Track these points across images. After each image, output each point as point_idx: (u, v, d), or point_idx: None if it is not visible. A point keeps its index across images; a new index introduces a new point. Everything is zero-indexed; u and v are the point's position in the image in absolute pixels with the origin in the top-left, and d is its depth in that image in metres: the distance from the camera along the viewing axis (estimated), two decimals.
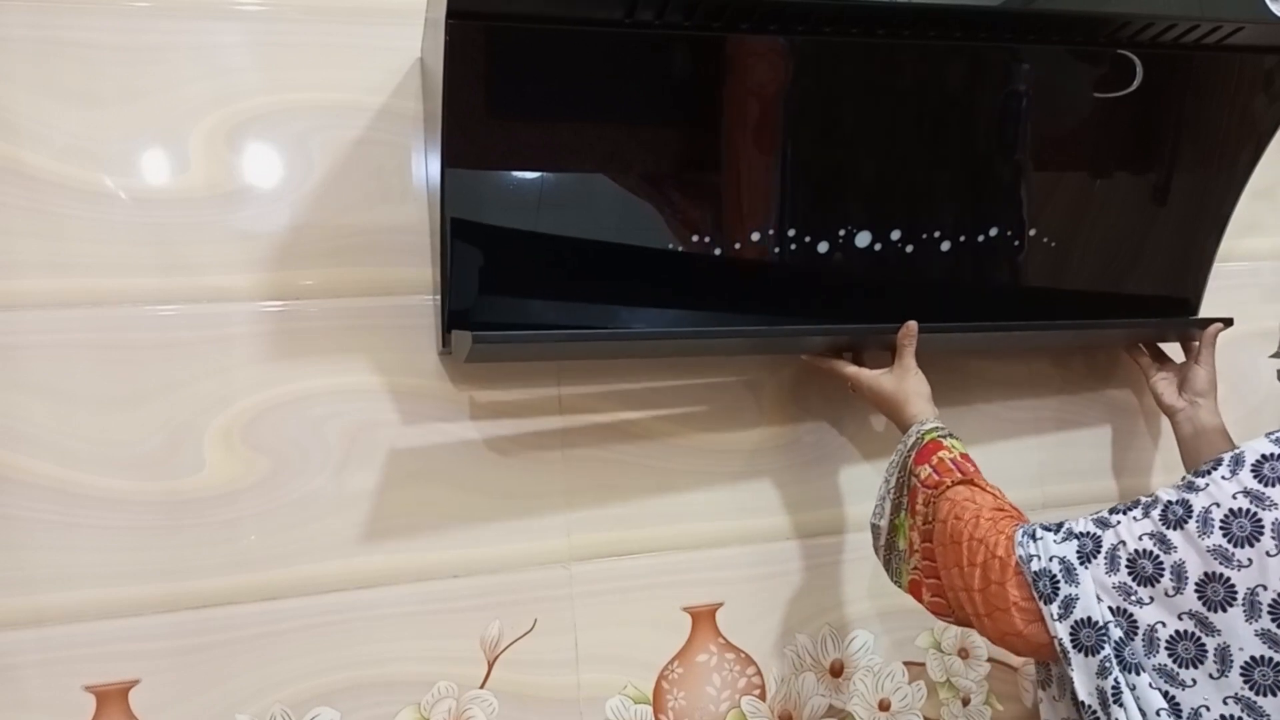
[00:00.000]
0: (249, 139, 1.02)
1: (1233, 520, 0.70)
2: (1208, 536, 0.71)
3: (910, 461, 0.95)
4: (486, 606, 1.09)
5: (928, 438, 0.95)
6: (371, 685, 1.06)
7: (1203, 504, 0.72)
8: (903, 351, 1.04)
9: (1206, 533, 0.71)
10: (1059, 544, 0.79)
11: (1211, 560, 0.70)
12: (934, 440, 0.95)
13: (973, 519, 0.85)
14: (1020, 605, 0.78)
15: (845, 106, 0.99)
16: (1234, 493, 0.71)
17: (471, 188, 0.93)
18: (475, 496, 1.09)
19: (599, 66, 0.90)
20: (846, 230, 1.03)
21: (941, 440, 0.95)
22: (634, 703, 1.14)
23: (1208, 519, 0.71)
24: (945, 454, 0.93)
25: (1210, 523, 0.71)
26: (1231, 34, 0.97)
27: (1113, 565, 0.75)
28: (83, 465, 0.98)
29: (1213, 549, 0.71)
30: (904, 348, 1.04)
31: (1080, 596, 0.76)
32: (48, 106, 0.96)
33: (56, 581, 0.98)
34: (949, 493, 0.89)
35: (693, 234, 0.99)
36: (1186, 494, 0.74)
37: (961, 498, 0.88)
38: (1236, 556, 0.69)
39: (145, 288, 0.99)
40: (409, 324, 1.06)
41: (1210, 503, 0.72)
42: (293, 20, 1.02)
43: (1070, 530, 0.79)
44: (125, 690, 0.99)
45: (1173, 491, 0.75)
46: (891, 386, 1.03)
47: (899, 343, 1.04)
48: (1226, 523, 0.70)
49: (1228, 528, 0.70)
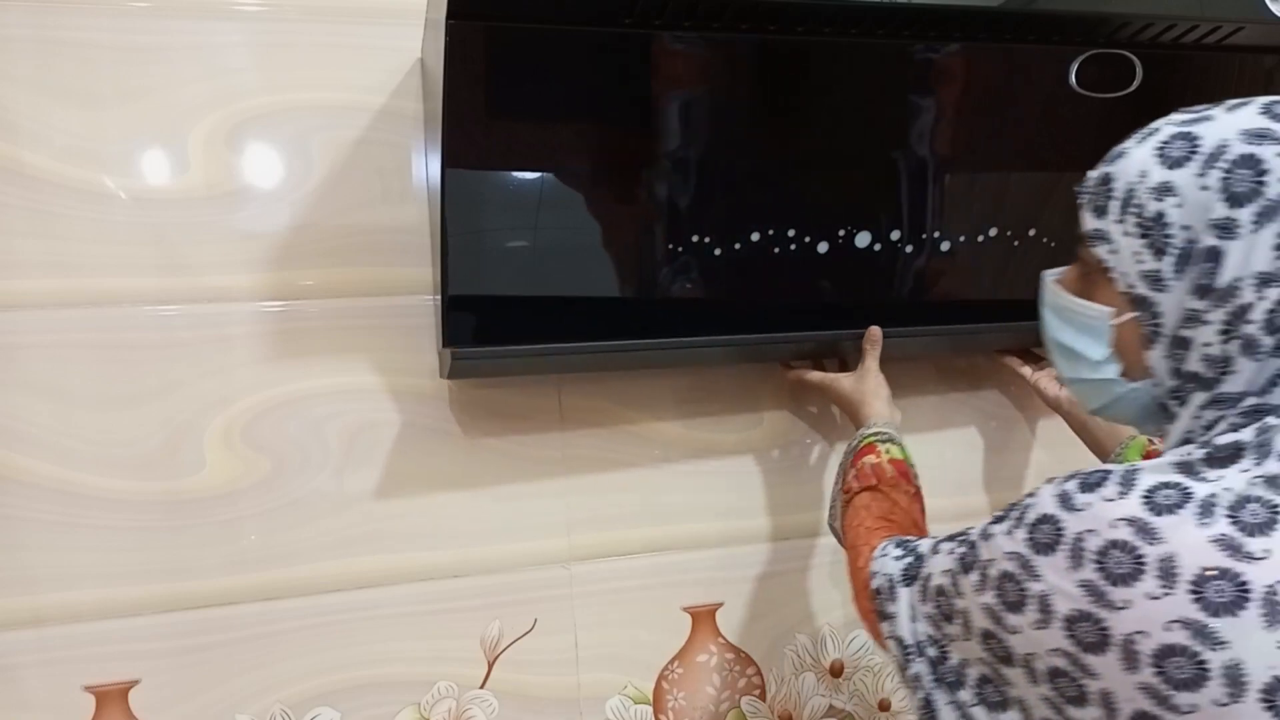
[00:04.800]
0: (249, 139, 1.02)
1: (1004, 583, 0.61)
2: (983, 594, 0.63)
3: (849, 464, 0.95)
4: (486, 606, 1.09)
5: (864, 441, 0.95)
6: (371, 685, 1.06)
7: (985, 556, 0.64)
8: (866, 355, 1.04)
9: (982, 589, 0.63)
10: (895, 561, 0.76)
11: (985, 618, 0.64)
12: (868, 444, 0.94)
13: (856, 528, 0.85)
14: (869, 618, 0.78)
15: (847, 107, 0.99)
16: (1008, 552, 0.61)
17: (471, 188, 0.93)
18: (475, 497, 1.09)
19: (599, 66, 0.90)
20: (846, 230, 1.03)
21: (876, 444, 0.94)
22: (634, 703, 1.14)
23: (985, 575, 0.63)
24: (871, 459, 0.92)
25: (987, 579, 0.63)
26: (1231, 34, 0.97)
27: (924, 594, 0.72)
28: (83, 465, 0.98)
29: (985, 608, 0.63)
30: (867, 352, 1.04)
31: (898, 615, 0.73)
32: (48, 106, 0.96)
33: (56, 581, 0.98)
34: (855, 500, 0.90)
35: (693, 234, 0.99)
36: (980, 539, 0.66)
37: (860, 505, 0.88)
38: (1007, 622, 0.62)
39: (145, 288, 0.99)
40: (409, 324, 1.06)
41: (990, 556, 0.63)
42: (293, 20, 1.02)
43: (915, 549, 0.76)
44: (125, 690, 0.99)
45: (978, 530, 0.67)
46: (849, 388, 1.04)
47: (863, 347, 1.05)
48: (999, 585, 0.62)
49: (1000, 590, 0.62)
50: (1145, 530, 0.54)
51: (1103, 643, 0.55)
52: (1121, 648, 0.54)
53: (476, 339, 0.97)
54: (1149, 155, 0.61)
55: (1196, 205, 0.58)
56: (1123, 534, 0.55)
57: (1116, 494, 0.57)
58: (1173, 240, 0.59)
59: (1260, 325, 0.56)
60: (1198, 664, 0.52)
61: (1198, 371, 0.60)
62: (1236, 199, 0.56)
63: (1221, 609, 0.51)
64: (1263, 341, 0.56)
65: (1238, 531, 0.53)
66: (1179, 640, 0.52)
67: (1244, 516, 0.53)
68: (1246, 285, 0.56)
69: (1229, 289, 0.57)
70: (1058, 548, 0.58)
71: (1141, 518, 0.55)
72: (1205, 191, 0.58)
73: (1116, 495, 0.57)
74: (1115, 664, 0.54)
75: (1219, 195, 0.57)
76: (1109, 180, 0.64)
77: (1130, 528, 0.55)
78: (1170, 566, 0.53)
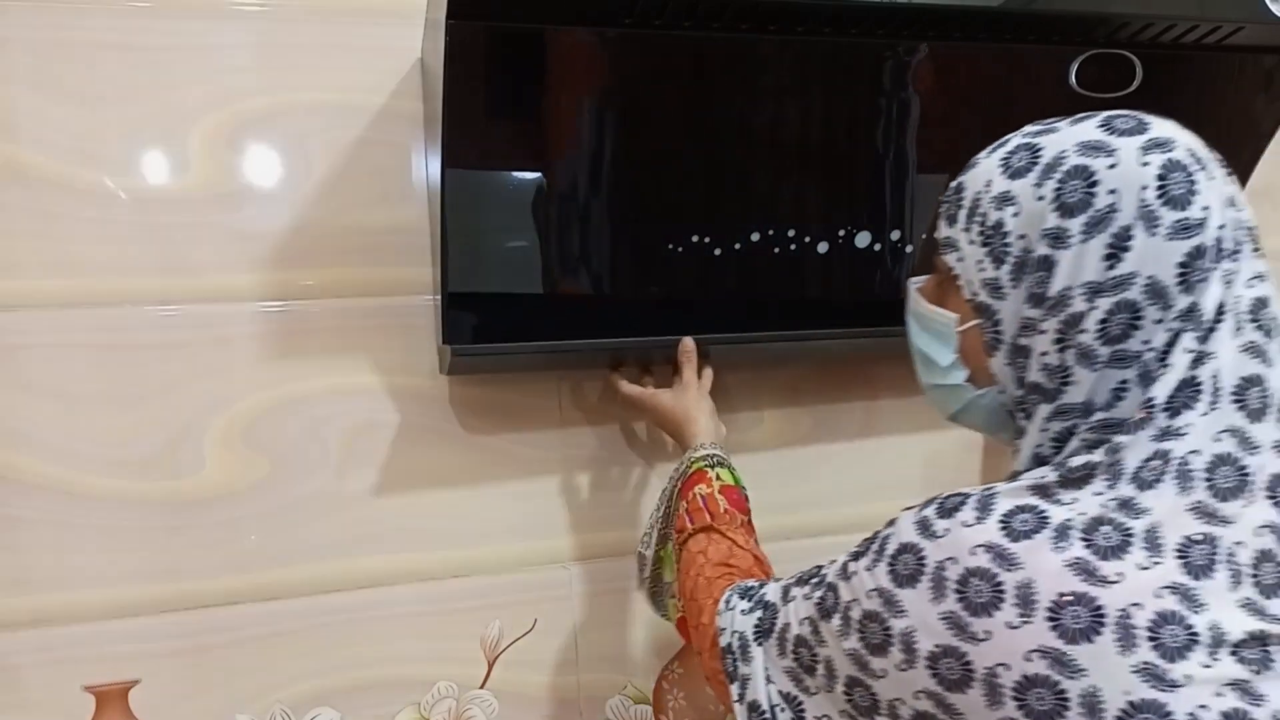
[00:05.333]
0: (249, 139, 1.02)
1: (867, 624, 0.59)
2: (847, 638, 0.61)
3: (676, 493, 0.91)
4: (486, 606, 1.09)
5: (694, 468, 0.90)
6: (371, 685, 1.06)
7: (846, 597, 0.62)
8: (682, 368, 1.00)
9: (846, 634, 0.61)
10: (744, 615, 0.72)
11: (850, 664, 0.61)
12: (699, 470, 0.90)
13: (695, 577, 0.81)
14: (718, 679, 0.73)
15: (846, 106, 0.99)
16: (870, 589, 0.59)
17: (471, 188, 0.93)
18: (475, 496, 1.09)
19: (599, 66, 0.90)
20: (846, 230, 1.03)
21: (706, 471, 0.89)
22: (634, 703, 1.14)
23: (848, 617, 0.61)
24: (703, 489, 0.87)
25: (850, 622, 0.61)
26: (1231, 34, 0.97)
27: (782, 648, 0.68)
28: (83, 465, 0.98)
29: (850, 653, 0.61)
30: (682, 364, 1.00)
31: (752, 677, 0.69)
32: (48, 106, 0.96)
33: (57, 581, 0.98)
34: (689, 542, 0.85)
35: (693, 234, 0.99)
36: (840, 579, 0.63)
37: (696, 549, 0.84)
38: (871, 666, 0.59)
39: (145, 288, 0.99)
40: (409, 324, 1.06)
41: (851, 598, 0.61)
42: (293, 20, 1.02)
43: (763, 599, 0.72)
44: (125, 690, 0.99)
45: (836, 569, 0.65)
46: (668, 404, 0.99)
47: (678, 360, 1.00)
48: (862, 626, 0.60)
49: (863, 632, 0.59)
50: (1003, 556, 0.54)
51: (966, 679, 0.54)
52: (984, 683, 0.53)
53: (475, 336, 0.97)
54: (995, 165, 0.62)
55: (1032, 215, 0.58)
56: (982, 561, 0.54)
57: (974, 518, 0.56)
58: (1010, 249, 0.59)
59: (1094, 335, 0.56)
60: (1058, 694, 0.51)
61: (1039, 382, 0.60)
62: (1068, 209, 0.56)
63: (1078, 635, 0.51)
64: (1098, 351, 0.56)
65: (1092, 555, 0.52)
66: (1039, 670, 0.51)
67: (1098, 540, 0.53)
68: (1077, 294, 0.56)
69: (1060, 298, 0.57)
70: (920, 578, 0.56)
71: (999, 543, 0.54)
72: (1040, 201, 0.58)
73: (974, 520, 0.56)
74: (979, 701, 0.53)
75: (1052, 205, 0.57)
76: (960, 189, 0.64)
77: (988, 554, 0.54)
78: (1029, 594, 0.52)
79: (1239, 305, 0.55)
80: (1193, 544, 0.52)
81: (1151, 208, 0.55)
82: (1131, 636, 0.50)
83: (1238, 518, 0.53)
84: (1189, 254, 0.54)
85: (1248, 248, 0.57)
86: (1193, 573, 0.51)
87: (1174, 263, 0.54)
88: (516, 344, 0.99)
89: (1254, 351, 0.55)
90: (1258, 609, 0.51)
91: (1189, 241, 0.54)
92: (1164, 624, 0.50)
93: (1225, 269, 0.55)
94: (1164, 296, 0.55)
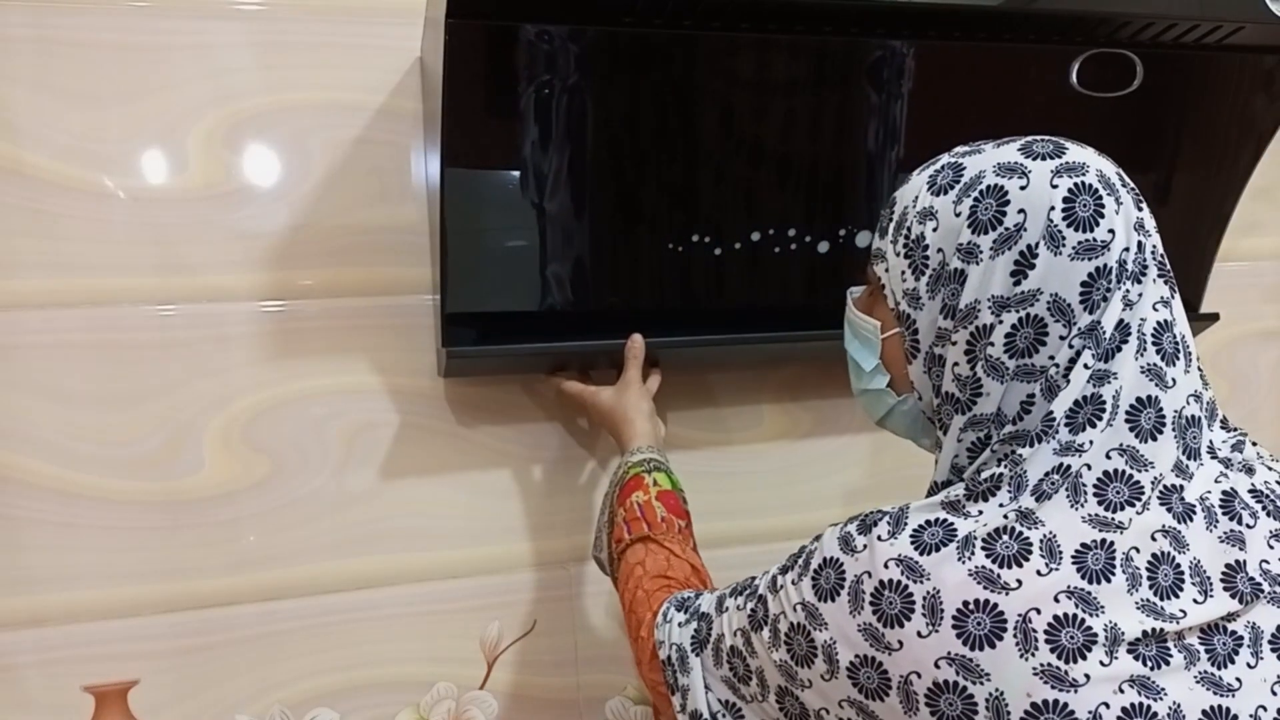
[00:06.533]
0: (248, 139, 1.01)
1: (793, 636, 0.61)
2: (776, 650, 0.63)
3: (615, 499, 0.90)
4: (486, 607, 1.09)
5: (630, 474, 0.89)
6: (371, 685, 1.06)
7: (775, 610, 0.64)
8: (627, 366, 0.99)
9: (775, 646, 0.63)
10: (681, 628, 0.73)
11: (779, 675, 0.63)
12: (636, 476, 0.89)
13: (633, 590, 0.81)
14: (659, 691, 0.74)
15: (846, 106, 0.99)
16: (795, 602, 0.62)
17: (471, 188, 0.93)
18: (475, 496, 1.09)
19: (599, 66, 0.90)
20: (847, 230, 1.03)
21: (643, 476, 0.88)
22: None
23: (776, 630, 0.63)
24: (639, 496, 0.87)
25: (778, 634, 0.63)
26: (1231, 34, 0.97)
27: (718, 658, 0.69)
28: (82, 465, 0.98)
29: (780, 664, 0.63)
30: (628, 362, 0.99)
31: (691, 687, 0.70)
32: (48, 106, 0.96)
33: (56, 581, 0.98)
34: (627, 553, 0.85)
35: (693, 233, 0.99)
36: (769, 591, 0.65)
37: (634, 561, 0.83)
38: (799, 677, 0.61)
39: (145, 288, 0.99)
40: (409, 324, 1.06)
41: (779, 610, 0.63)
42: (292, 20, 1.02)
43: (698, 610, 0.73)
44: (125, 690, 0.99)
45: (766, 581, 0.67)
46: (608, 403, 0.97)
47: (625, 357, 0.99)
48: (789, 639, 0.62)
49: (790, 644, 0.62)
50: (913, 569, 0.56)
51: (884, 688, 0.56)
52: (900, 690, 0.56)
53: (475, 337, 0.97)
54: (923, 182, 0.64)
55: (949, 230, 0.61)
56: (894, 574, 0.57)
57: (888, 534, 0.58)
58: (929, 261, 0.62)
59: (1001, 348, 0.58)
60: (966, 699, 0.53)
61: (952, 392, 0.62)
62: (981, 226, 0.59)
63: (981, 641, 0.53)
64: (1005, 364, 0.58)
65: (992, 564, 0.55)
66: (948, 676, 0.54)
67: (998, 549, 0.55)
68: (984, 308, 0.59)
69: (970, 310, 0.59)
70: (840, 592, 0.59)
71: (910, 557, 0.57)
72: (958, 218, 0.60)
73: (888, 535, 0.58)
74: (897, 708, 0.56)
75: (967, 221, 0.60)
76: (893, 203, 0.67)
77: (900, 567, 0.57)
78: (936, 603, 0.55)
79: (1144, 328, 0.58)
80: (1088, 550, 0.55)
81: (1058, 228, 0.57)
82: (1032, 640, 0.53)
83: (1131, 523, 0.55)
84: (1091, 274, 0.57)
85: (1153, 272, 0.59)
86: (1090, 577, 0.54)
87: (1077, 281, 0.57)
88: (516, 345, 0.99)
89: (1152, 374, 0.58)
90: (1155, 609, 0.53)
91: (1092, 262, 0.57)
92: (1062, 627, 0.53)
93: (1128, 290, 0.57)
94: (1067, 314, 0.57)
